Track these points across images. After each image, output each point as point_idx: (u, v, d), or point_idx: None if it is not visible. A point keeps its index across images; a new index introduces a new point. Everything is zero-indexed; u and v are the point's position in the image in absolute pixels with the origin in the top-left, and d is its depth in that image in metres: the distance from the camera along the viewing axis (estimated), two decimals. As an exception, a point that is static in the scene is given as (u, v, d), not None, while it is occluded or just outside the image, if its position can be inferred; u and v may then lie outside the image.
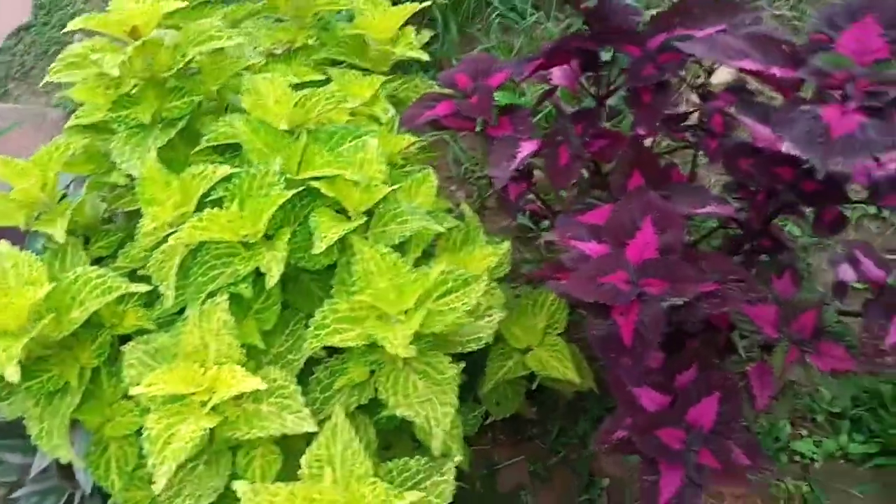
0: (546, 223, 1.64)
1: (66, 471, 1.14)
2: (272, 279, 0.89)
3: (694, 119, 1.17)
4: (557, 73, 1.13)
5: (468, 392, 1.25)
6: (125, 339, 1.06)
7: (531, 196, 1.26)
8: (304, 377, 1.01)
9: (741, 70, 0.78)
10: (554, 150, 1.03)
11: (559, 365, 1.18)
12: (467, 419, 1.26)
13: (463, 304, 0.94)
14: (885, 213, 1.50)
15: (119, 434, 1.01)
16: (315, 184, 0.94)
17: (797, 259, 1.06)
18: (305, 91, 1.02)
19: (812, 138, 0.69)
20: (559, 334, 1.22)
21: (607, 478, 1.34)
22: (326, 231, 0.92)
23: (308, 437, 0.90)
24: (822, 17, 0.78)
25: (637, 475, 1.28)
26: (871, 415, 1.39)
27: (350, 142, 1.01)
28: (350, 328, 0.93)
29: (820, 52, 0.76)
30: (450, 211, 1.21)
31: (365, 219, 0.96)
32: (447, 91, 1.17)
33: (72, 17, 2.45)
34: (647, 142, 1.22)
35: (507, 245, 1.10)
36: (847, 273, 1.00)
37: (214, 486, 0.96)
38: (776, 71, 0.75)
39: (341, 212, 0.98)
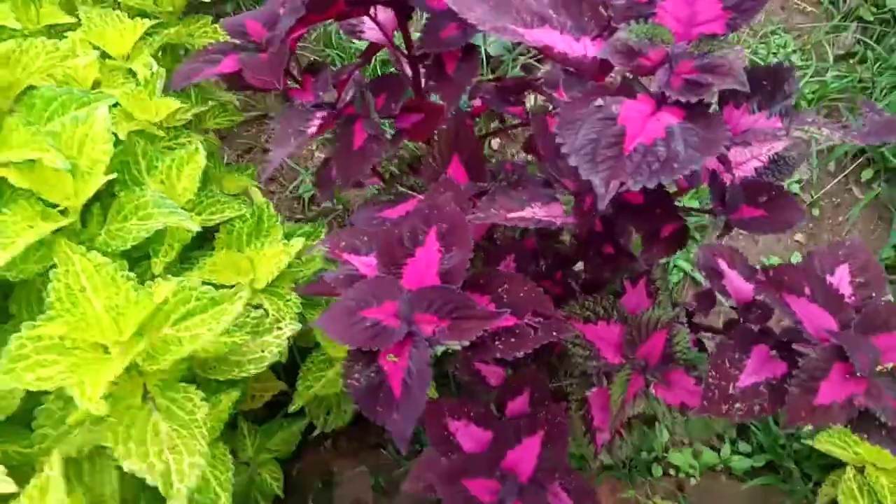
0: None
1: None
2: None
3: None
4: (370, 26, 0.90)
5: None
6: None
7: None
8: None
9: (537, 48, 0.56)
10: (347, 128, 0.81)
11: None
12: (277, 440, 1.07)
13: (209, 329, 0.73)
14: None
15: None
16: (2, 171, 0.71)
17: (652, 266, 0.87)
18: (15, 42, 0.77)
19: (597, 151, 0.49)
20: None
21: (452, 497, 1.17)
22: (14, 235, 0.69)
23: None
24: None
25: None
26: (760, 424, 1.24)
27: (75, 110, 0.78)
28: (56, 360, 0.71)
29: (634, 21, 0.54)
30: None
31: (75, 217, 0.74)
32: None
33: None
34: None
35: (298, 243, 0.88)
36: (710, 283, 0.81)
37: None
38: (566, 49, 0.53)
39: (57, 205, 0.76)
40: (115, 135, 0.76)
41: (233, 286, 0.86)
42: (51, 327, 0.68)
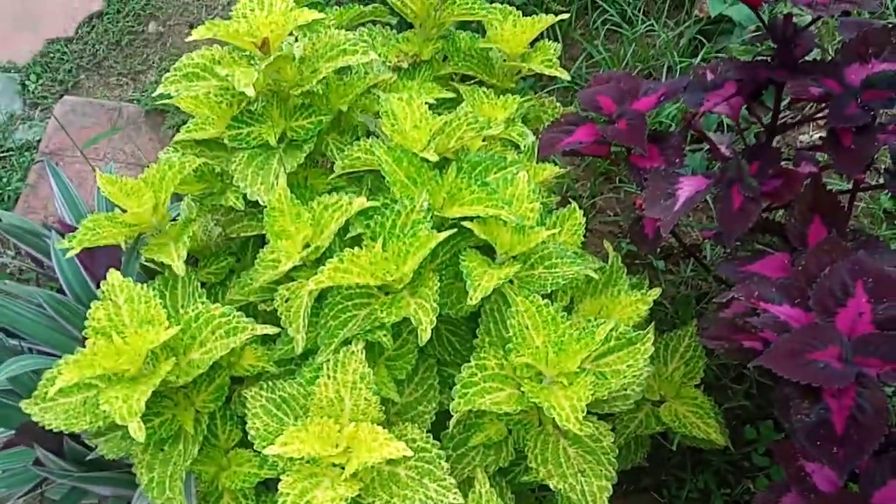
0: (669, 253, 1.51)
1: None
2: (424, 333, 0.79)
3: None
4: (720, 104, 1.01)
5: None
6: (237, 378, 0.98)
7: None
8: (433, 431, 0.92)
9: None
10: (726, 191, 0.92)
11: (700, 422, 1.07)
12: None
13: (628, 366, 0.84)
14: None
15: (236, 486, 0.91)
16: (468, 224, 0.84)
17: None
18: (447, 116, 0.92)
19: None
20: (696, 385, 1.11)
21: (735, 541, 1.23)
22: (479, 279, 0.82)
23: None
24: None
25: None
26: None
27: (495, 173, 0.91)
28: (500, 388, 0.83)
29: None
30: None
31: (518, 265, 0.86)
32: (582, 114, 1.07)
33: (144, 6, 2.38)
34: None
35: (656, 292, 0.98)
36: None
37: (336, 550, 0.87)
38: None
39: (484, 252, 0.88)
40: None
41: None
42: (519, 358, 0.79)
